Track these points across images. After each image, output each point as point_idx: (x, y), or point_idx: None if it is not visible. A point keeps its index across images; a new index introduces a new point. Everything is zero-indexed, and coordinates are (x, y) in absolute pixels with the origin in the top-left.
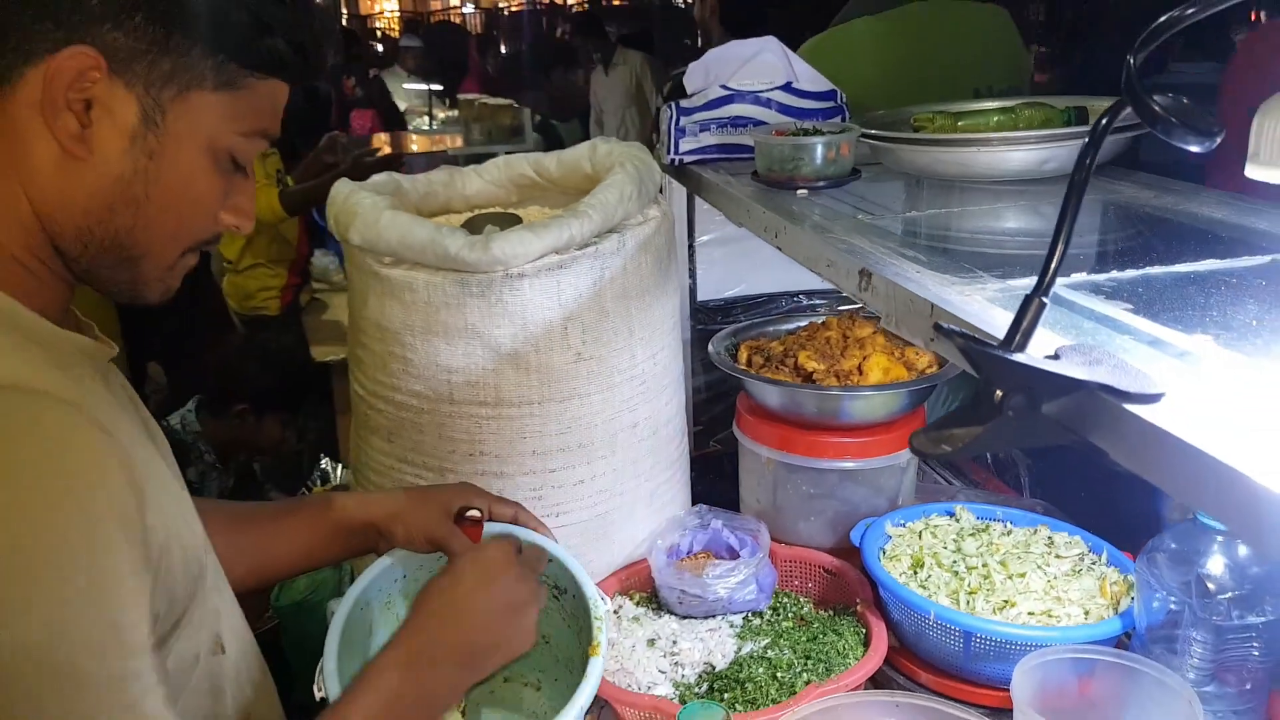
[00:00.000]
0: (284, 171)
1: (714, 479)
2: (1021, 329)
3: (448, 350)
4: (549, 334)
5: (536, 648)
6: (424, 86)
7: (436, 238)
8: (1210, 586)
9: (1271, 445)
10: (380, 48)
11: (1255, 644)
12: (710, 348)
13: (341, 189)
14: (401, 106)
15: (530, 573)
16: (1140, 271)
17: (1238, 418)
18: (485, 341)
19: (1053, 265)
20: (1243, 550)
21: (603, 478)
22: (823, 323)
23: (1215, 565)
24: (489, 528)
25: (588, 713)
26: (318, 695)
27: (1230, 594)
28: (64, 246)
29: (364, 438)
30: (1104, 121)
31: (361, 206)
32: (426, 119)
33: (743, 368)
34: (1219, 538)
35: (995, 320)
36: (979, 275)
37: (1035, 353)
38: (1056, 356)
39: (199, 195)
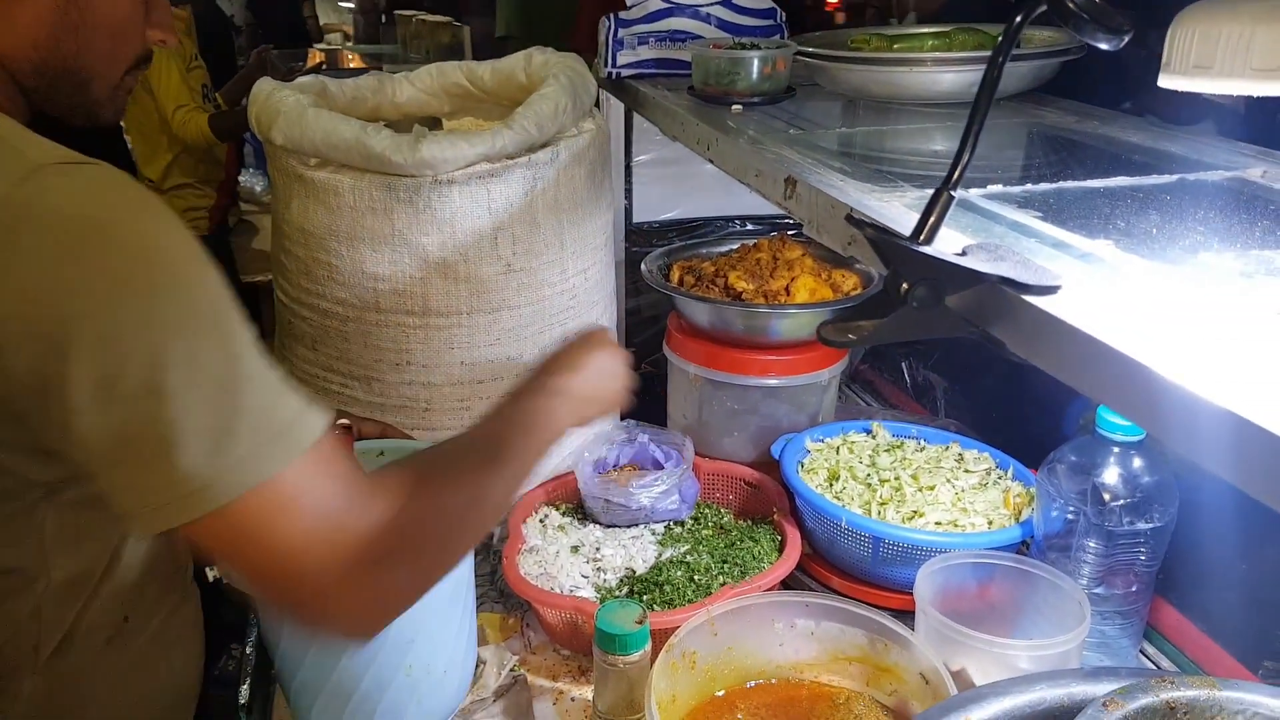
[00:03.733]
0: (210, 88)
1: (645, 399)
2: (929, 222)
3: (374, 257)
4: (478, 244)
5: None
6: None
7: (362, 137)
8: (1105, 496)
9: (1148, 329)
10: None
11: (1142, 550)
12: (643, 267)
13: (264, 87)
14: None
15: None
16: (1054, 185)
17: (1125, 309)
18: (413, 249)
19: (963, 159)
20: (1137, 462)
21: None
22: (754, 245)
23: (1110, 475)
24: (358, 446)
25: (514, 617)
26: (210, 576)
27: (1122, 501)
28: (24, 81)
29: (288, 346)
30: (1018, 19)
31: (285, 105)
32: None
33: (674, 286)
34: (1115, 449)
35: (910, 222)
36: (900, 185)
37: (943, 249)
38: (963, 254)
39: (125, 12)
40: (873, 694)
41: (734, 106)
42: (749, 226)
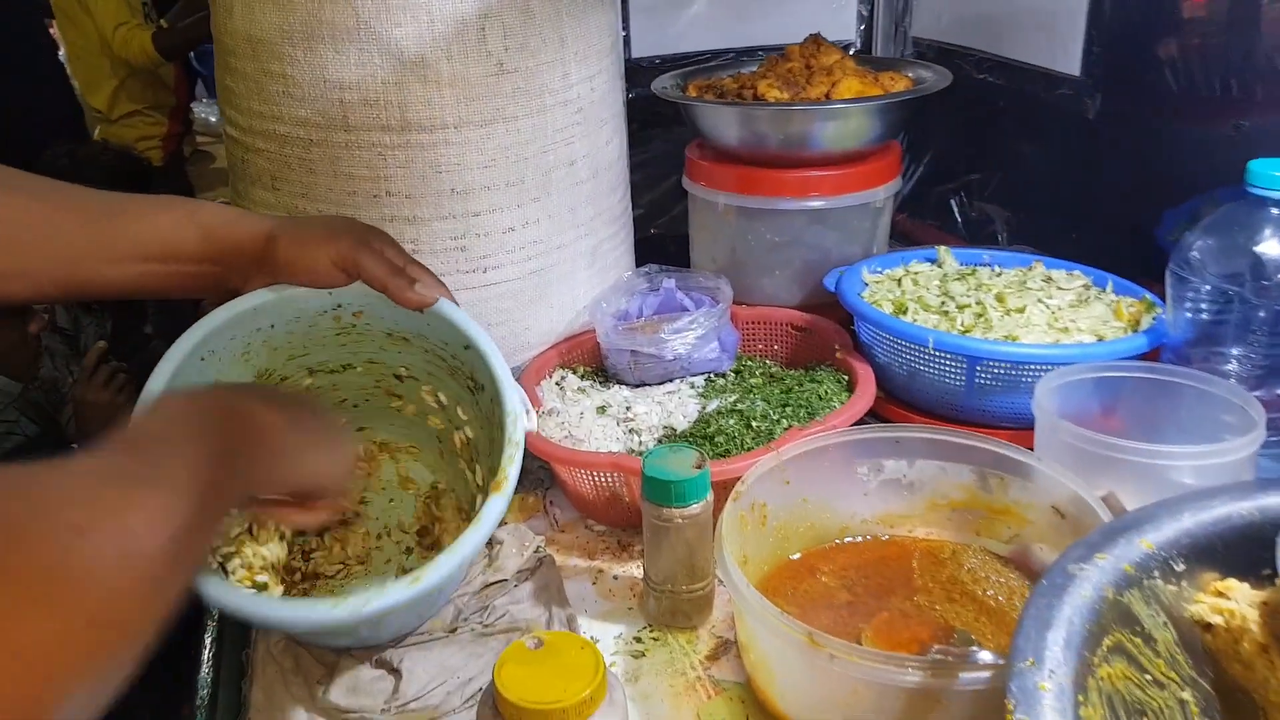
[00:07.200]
0: (151, 7)
1: (659, 260)
2: None
3: (337, 60)
4: (462, 36)
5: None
6: None
7: None
8: (1268, 269)
9: None
10: None
11: None
12: (654, 85)
13: None
14: None
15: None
16: None
17: None
18: (383, 45)
19: None
20: None
21: (536, 225)
22: (782, 54)
23: (1273, 245)
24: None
25: (533, 495)
26: None
27: None
28: None
29: (243, 192)
30: None
31: None
32: None
33: (694, 98)
34: (1274, 209)
35: None
36: None
37: None
38: None
39: None
40: (984, 544)
41: None
42: (762, 56)
